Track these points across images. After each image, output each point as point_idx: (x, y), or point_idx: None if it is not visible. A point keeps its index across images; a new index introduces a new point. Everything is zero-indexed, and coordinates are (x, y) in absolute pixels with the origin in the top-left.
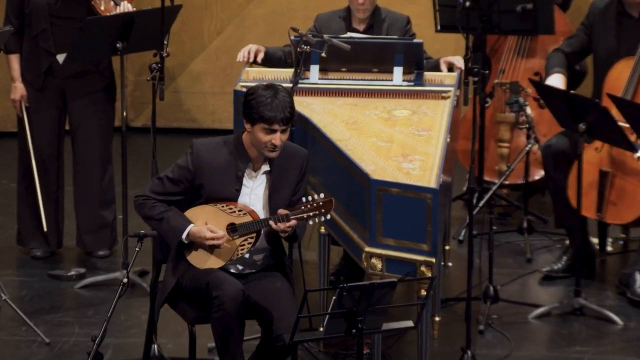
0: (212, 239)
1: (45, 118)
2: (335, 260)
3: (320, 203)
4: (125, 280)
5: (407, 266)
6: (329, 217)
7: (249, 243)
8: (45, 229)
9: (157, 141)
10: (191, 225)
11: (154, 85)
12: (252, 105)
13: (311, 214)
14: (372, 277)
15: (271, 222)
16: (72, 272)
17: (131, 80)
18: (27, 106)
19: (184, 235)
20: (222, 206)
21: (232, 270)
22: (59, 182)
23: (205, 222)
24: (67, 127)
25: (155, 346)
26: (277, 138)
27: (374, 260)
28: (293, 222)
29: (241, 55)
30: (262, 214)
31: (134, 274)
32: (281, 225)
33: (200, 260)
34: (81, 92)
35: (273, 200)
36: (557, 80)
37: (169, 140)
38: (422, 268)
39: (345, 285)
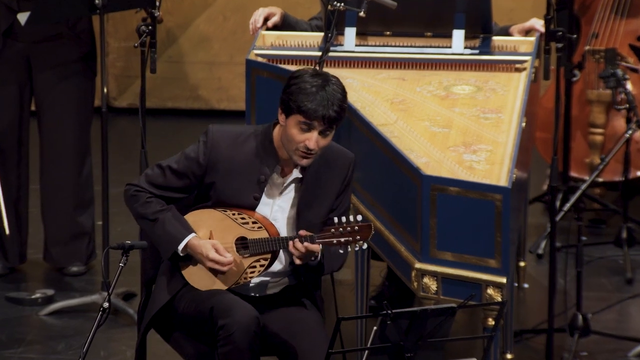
0: (215, 262)
1: (4, 95)
2: (377, 280)
3: (356, 227)
4: (105, 305)
5: (469, 288)
6: (365, 246)
7: (261, 265)
8: (7, 232)
9: (148, 126)
10: (192, 235)
11: (144, 53)
12: (291, 91)
13: (342, 239)
14: (425, 301)
15: (290, 244)
16: (38, 295)
17: (114, 47)
18: None
19: (180, 246)
20: (234, 213)
21: (242, 293)
22: (20, 178)
23: (209, 231)
24: (32, 108)
25: None
26: (313, 140)
27: (426, 279)
28: (315, 247)
29: (251, 28)
30: (284, 231)
31: (117, 296)
32: (298, 246)
33: (198, 278)
34: (51, 61)
35: (302, 217)
36: None
37: (162, 124)
38: (490, 290)
39: (389, 311)
